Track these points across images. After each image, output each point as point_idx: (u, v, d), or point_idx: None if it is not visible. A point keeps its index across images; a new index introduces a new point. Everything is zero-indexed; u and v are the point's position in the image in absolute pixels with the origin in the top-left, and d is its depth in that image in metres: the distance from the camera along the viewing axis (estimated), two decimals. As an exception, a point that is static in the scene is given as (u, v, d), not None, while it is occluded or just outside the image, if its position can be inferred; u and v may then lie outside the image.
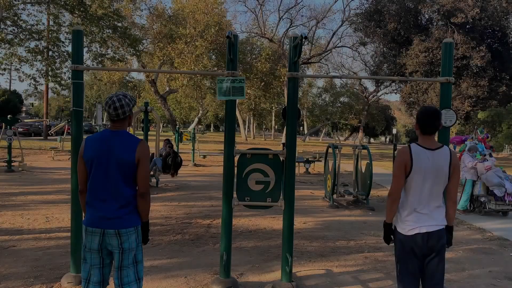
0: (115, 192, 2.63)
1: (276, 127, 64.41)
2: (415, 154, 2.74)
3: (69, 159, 14.50)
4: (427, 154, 2.74)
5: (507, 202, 8.00)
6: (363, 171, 9.13)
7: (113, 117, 2.70)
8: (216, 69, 29.02)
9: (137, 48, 21.84)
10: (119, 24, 20.34)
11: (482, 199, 8.22)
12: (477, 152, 8.84)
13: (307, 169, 15.11)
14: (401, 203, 2.87)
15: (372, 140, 72.04)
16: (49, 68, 19.02)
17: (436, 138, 2.93)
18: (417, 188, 2.77)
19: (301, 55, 6.48)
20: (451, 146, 8.58)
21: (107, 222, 2.62)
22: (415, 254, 2.78)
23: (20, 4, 18.03)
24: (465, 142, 11.08)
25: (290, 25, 31.35)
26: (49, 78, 19.29)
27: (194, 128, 32.99)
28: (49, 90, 24.73)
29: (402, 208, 2.85)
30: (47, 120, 30.20)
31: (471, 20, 19.87)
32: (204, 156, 19.58)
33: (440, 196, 2.82)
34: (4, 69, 18.57)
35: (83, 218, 2.75)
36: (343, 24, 35.48)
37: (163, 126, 63.16)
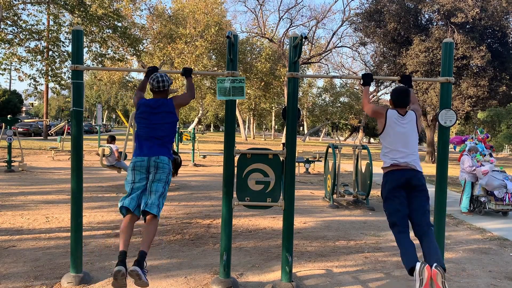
0: (157, 136, 3.57)
1: (276, 127, 64.41)
2: (389, 112, 3.56)
3: (69, 159, 14.50)
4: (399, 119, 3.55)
5: (507, 202, 7.99)
6: (363, 171, 9.13)
7: (155, 88, 3.65)
8: (216, 69, 29.03)
9: (137, 48, 21.85)
10: (119, 24, 20.35)
11: (482, 199, 8.21)
12: (477, 153, 8.80)
13: (307, 169, 15.11)
14: (383, 154, 3.57)
15: (372, 140, 72.04)
16: (49, 68, 19.03)
17: (435, 139, 3.08)
18: (392, 139, 3.50)
19: (301, 55, 6.48)
20: (451, 146, 8.52)
21: (150, 152, 3.50)
22: (399, 188, 3.35)
23: (20, 4, 18.04)
24: (465, 142, 11.06)
25: (290, 25, 31.36)
26: (49, 78, 19.30)
27: (194, 128, 32.99)
28: (49, 90, 24.74)
29: (384, 157, 3.55)
30: (47, 120, 30.20)
31: (471, 20, 19.85)
32: (204, 156, 19.58)
33: (415, 148, 3.52)
34: (4, 69, 18.56)
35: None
36: (343, 24, 35.59)
37: (163, 126, 63.00)
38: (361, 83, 3.91)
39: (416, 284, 2.87)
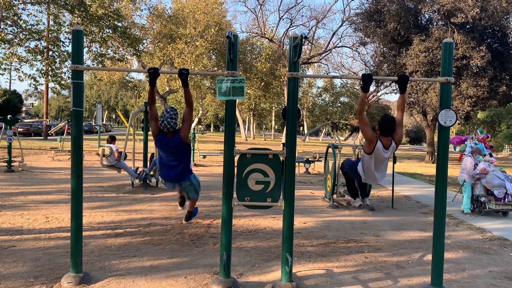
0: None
1: (276, 127, 64.41)
2: (378, 144, 4.84)
3: (69, 159, 14.50)
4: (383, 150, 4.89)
5: (506, 202, 7.99)
6: (363, 171, 9.12)
7: (166, 130, 4.64)
8: (216, 69, 29.02)
9: (137, 48, 21.85)
10: (119, 24, 20.35)
11: (482, 199, 8.21)
12: (480, 155, 8.73)
13: (307, 169, 15.10)
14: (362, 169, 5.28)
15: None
16: (49, 68, 19.03)
17: (435, 139, 3.02)
18: (373, 164, 5.00)
19: (301, 55, 6.48)
20: (451, 146, 8.47)
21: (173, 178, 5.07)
22: None
23: (20, 4, 18.04)
24: (465, 142, 11.05)
25: (290, 25, 31.34)
26: (49, 78, 19.30)
27: (194, 128, 32.98)
28: (49, 90, 24.74)
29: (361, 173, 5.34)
30: (47, 120, 30.18)
31: (471, 20, 19.84)
32: (204, 156, 19.58)
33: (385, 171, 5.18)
34: (4, 69, 18.56)
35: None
36: (343, 24, 35.57)
37: (163, 126, 62.96)
38: (361, 85, 4.10)
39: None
